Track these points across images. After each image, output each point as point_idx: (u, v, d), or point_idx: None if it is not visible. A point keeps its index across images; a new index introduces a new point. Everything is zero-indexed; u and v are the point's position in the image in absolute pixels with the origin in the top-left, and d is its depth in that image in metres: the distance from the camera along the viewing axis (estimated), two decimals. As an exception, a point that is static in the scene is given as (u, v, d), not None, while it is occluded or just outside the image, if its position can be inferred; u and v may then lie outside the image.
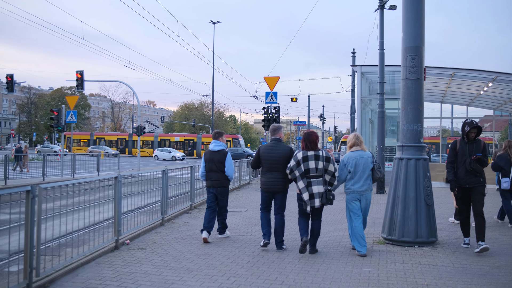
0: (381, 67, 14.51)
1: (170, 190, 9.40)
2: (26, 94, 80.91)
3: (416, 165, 6.53)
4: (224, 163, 6.85)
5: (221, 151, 6.91)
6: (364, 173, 5.96)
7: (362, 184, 5.94)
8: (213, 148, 6.93)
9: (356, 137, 6.16)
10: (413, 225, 6.37)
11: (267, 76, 21.43)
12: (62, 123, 21.28)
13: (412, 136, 6.65)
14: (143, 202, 8.29)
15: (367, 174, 5.97)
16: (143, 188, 8.41)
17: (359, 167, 5.97)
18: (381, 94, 14.47)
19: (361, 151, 6.07)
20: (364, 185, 5.95)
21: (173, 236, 7.23)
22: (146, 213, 8.34)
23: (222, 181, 6.88)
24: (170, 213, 8.83)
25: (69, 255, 5.29)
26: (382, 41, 14.57)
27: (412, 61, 6.67)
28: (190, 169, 10.32)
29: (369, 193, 6.04)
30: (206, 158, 6.91)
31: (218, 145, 6.94)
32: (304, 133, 5.99)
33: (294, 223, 8.19)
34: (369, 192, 6.04)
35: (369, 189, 6.02)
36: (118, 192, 6.24)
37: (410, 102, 6.68)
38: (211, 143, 7.02)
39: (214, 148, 6.92)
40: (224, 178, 6.89)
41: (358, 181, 5.96)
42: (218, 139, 7.03)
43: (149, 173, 8.42)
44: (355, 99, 31.37)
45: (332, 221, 8.86)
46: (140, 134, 27.12)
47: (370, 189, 6.04)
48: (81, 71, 25.08)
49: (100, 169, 20.79)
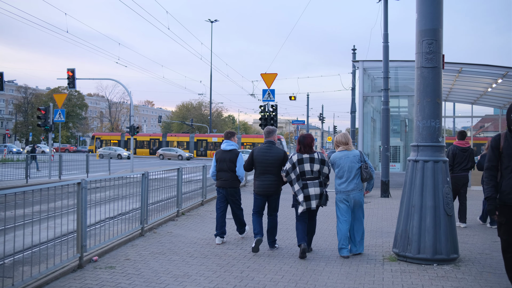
0: (385, 61, 13.53)
1: (153, 195, 8.43)
2: (23, 94, 79.82)
3: (434, 168, 5.55)
4: (235, 163, 6.82)
5: (232, 151, 6.89)
6: (350, 173, 5.87)
7: (348, 184, 5.85)
8: (224, 148, 6.92)
9: (342, 136, 6.11)
10: (431, 239, 5.39)
11: (264, 73, 20.51)
12: (49, 122, 20.23)
13: (429, 134, 5.67)
14: (120, 209, 7.31)
15: (353, 173, 5.87)
16: (121, 193, 7.42)
17: (344, 167, 5.90)
18: (385, 90, 13.48)
19: (346, 151, 6.00)
20: (350, 184, 5.85)
21: (151, 250, 6.25)
22: (124, 222, 7.36)
23: (233, 182, 6.82)
24: (152, 222, 7.84)
25: (18, 278, 4.32)
26: (386, 34, 13.59)
27: (428, 46, 5.69)
28: (177, 171, 9.34)
29: (357, 193, 5.87)
30: (217, 157, 6.92)
31: (229, 144, 6.94)
32: (300, 136, 6.02)
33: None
34: (357, 192, 5.87)
35: (357, 189, 5.87)
36: (82, 201, 5.25)
37: (427, 95, 5.70)
38: (222, 143, 7.02)
39: (225, 147, 6.91)
40: (234, 179, 6.83)
41: (344, 181, 5.88)
42: (230, 139, 7.05)
43: (126, 176, 7.43)
44: (356, 97, 30.62)
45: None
46: (134, 133, 26.15)
47: (358, 189, 5.88)
48: (73, 69, 24.08)
49: (89, 170, 19.78)
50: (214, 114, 74.33)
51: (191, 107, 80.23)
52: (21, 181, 16.67)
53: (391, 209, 10.63)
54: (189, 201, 10.50)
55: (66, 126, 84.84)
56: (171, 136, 57.44)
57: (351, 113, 30.59)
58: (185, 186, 10.67)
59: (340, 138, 6.11)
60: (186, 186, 10.86)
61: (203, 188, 11.22)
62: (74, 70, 23.98)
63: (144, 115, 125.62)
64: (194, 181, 11.82)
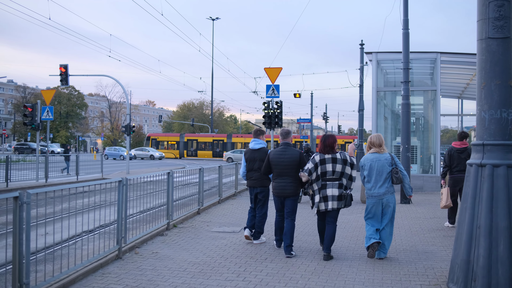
0: (405, 51, 12.01)
1: (136, 204, 6.97)
2: (22, 94, 78.57)
3: (509, 176, 4.06)
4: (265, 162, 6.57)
5: (261, 149, 6.79)
6: (380, 176, 5.74)
7: (379, 187, 5.72)
8: (253, 147, 6.83)
9: (377, 138, 5.92)
10: (506, 272, 3.90)
11: (268, 67, 19.04)
12: (37, 120, 18.78)
13: (500, 130, 4.18)
14: (91, 224, 5.84)
15: (384, 177, 5.73)
16: (92, 203, 5.96)
17: (373, 170, 5.77)
18: (405, 83, 11.96)
19: (377, 154, 5.85)
20: (381, 188, 5.72)
21: (126, 282, 4.77)
22: (95, 240, 5.89)
23: (263, 181, 6.71)
24: (134, 239, 6.37)
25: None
26: (406, 19, 12.07)
27: (498, 10, 4.20)
28: (167, 175, 7.86)
29: (389, 197, 5.73)
30: (247, 157, 6.84)
31: (258, 143, 6.85)
32: (322, 136, 5.97)
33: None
34: (389, 196, 5.73)
35: (388, 193, 5.73)
36: (20, 221, 3.78)
37: (495, 76, 4.21)
38: (251, 142, 6.93)
39: (254, 146, 6.83)
40: (264, 178, 6.68)
41: (375, 185, 5.75)
42: (258, 137, 6.96)
43: (97, 183, 5.93)
44: (364, 94, 29.11)
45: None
46: (130, 133, 24.70)
47: (390, 192, 5.74)
48: (65, 65, 22.69)
49: (79, 172, 18.33)
50: (215, 114, 72.89)
51: (192, 106, 78.88)
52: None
53: (417, 218, 9.13)
54: (183, 209, 9.02)
55: (66, 126, 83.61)
56: (236, 137, 51.72)
57: (359, 111, 29.05)
58: (178, 191, 9.21)
59: (375, 139, 5.89)
60: (179, 191, 9.40)
61: (200, 194, 9.73)
62: (67, 66, 22.61)
63: (145, 115, 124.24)
64: (191, 185, 10.35)
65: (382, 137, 5.91)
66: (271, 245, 6.54)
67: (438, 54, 14.86)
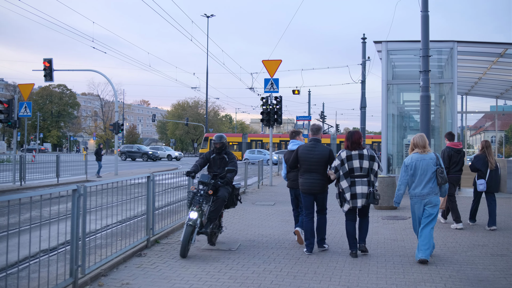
0: (424, 36, 10.56)
1: (107, 215, 5.44)
2: (12, 93, 76.69)
3: None
4: None
5: None
6: (424, 176, 5.65)
7: (423, 187, 5.63)
8: (291, 148, 6.82)
9: (420, 138, 5.79)
10: None
11: (266, 60, 17.58)
12: (14, 117, 17.14)
13: None
14: (34, 247, 4.32)
15: (428, 177, 5.64)
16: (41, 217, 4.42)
17: (418, 170, 5.67)
18: (425, 73, 10.50)
19: (420, 154, 5.72)
20: (425, 188, 5.63)
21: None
22: (43, 267, 4.37)
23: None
24: (99, 264, 4.84)
25: None
26: (426, 0, 10.63)
27: None
28: (147, 179, 6.32)
29: (433, 197, 5.62)
30: (286, 158, 6.78)
31: (295, 144, 6.82)
32: (348, 133, 5.91)
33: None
34: (433, 196, 5.62)
35: (433, 193, 5.62)
36: None
37: None
38: (289, 143, 6.98)
39: (292, 147, 6.80)
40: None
41: (419, 185, 5.66)
42: (295, 138, 7.02)
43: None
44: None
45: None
46: (118, 131, 23.16)
47: (434, 193, 5.63)
48: (50, 59, 21.03)
49: (60, 174, 16.74)
50: (210, 114, 71.36)
51: (187, 106, 77.42)
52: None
53: (447, 229, 7.67)
54: (169, 218, 7.50)
55: (57, 126, 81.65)
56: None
57: (360, 108, 27.59)
58: (165, 196, 7.61)
59: (418, 140, 5.79)
60: (165, 197, 7.79)
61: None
62: (51, 60, 20.99)
63: (140, 114, 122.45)
64: (182, 187, 8.76)
65: (426, 137, 5.82)
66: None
67: (454, 43, 13.44)
